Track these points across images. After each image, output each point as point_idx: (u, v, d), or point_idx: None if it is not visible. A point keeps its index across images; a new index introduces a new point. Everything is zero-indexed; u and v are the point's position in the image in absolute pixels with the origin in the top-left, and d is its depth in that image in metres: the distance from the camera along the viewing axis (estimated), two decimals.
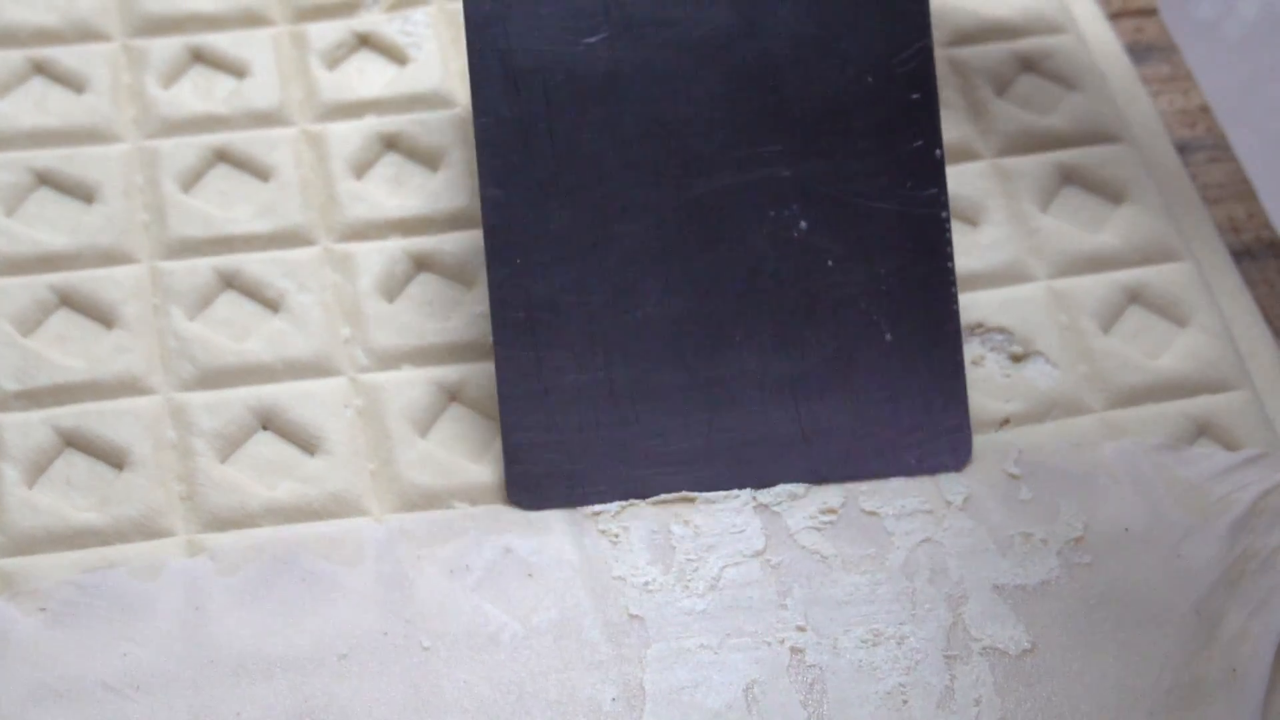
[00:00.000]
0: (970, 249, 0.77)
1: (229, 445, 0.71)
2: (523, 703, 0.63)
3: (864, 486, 0.70)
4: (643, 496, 0.69)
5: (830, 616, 0.66)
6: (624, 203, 0.70)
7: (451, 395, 0.73)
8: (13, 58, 0.81)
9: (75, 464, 0.70)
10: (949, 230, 0.70)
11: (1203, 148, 0.84)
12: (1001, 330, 0.75)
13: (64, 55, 0.82)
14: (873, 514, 0.69)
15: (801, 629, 0.66)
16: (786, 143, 0.71)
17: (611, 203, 0.70)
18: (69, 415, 0.71)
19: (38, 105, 0.80)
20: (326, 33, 0.83)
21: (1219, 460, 0.71)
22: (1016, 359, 0.75)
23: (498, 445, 0.71)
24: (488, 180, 0.70)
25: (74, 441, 0.71)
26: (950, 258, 0.70)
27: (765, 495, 0.69)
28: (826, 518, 0.69)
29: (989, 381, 0.74)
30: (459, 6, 0.82)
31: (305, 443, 0.71)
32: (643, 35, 0.70)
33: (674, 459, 0.69)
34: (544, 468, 0.69)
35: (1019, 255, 0.78)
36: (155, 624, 0.64)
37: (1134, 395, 0.74)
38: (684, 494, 0.69)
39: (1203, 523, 0.69)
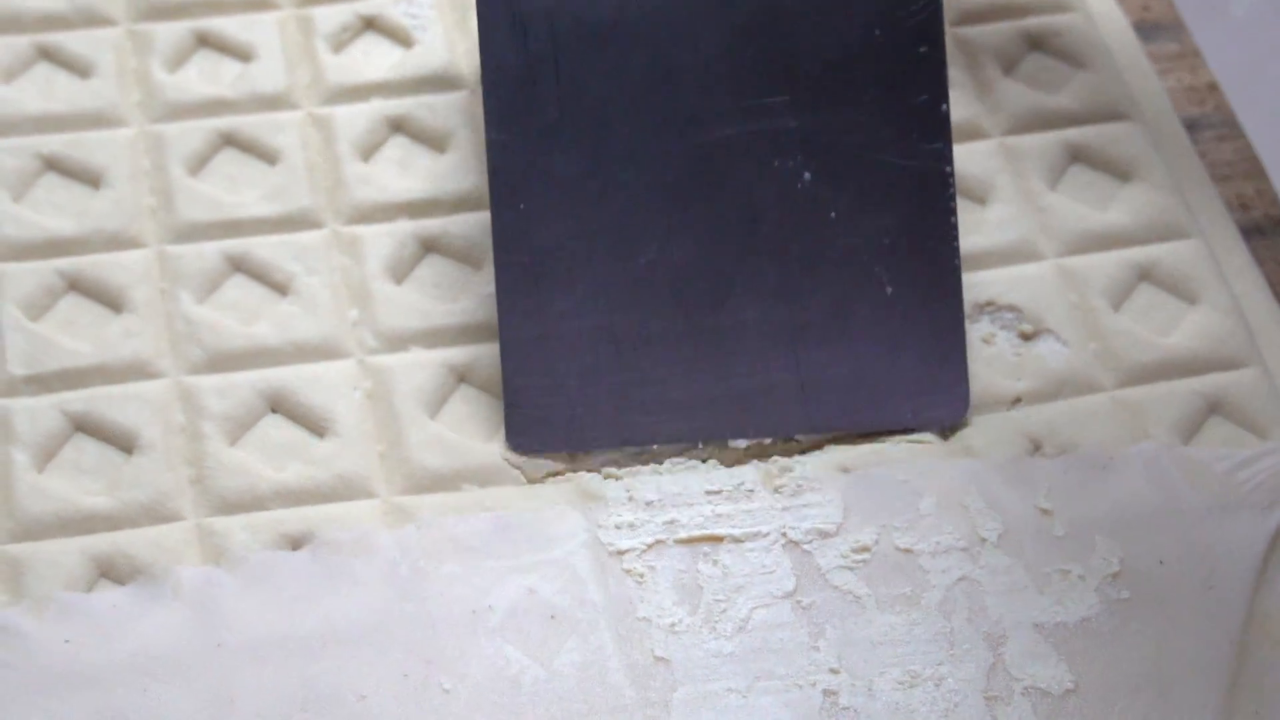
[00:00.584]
0: (979, 227, 0.77)
1: (238, 428, 0.71)
2: None
3: (899, 523, 0.68)
4: (641, 444, 0.69)
5: (865, 658, 0.65)
6: (629, 149, 0.70)
7: (460, 376, 0.73)
8: (19, 43, 0.81)
9: (84, 448, 0.70)
10: (953, 185, 0.70)
11: (1211, 125, 0.84)
12: (1011, 308, 0.75)
13: (70, 40, 0.82)
14: (907, 551, 0.68)
15: (835, 671, 0.65)
16: (792, 94, 0.71)
17: (616, 149, 0.70)
18: (78, 400, 0.71)
19: (44, 90, 0.80)
20: (332, 16, 0.84)
21: (1240, 461, 0.71)
22: (1026, 337, 0.75)
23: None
24: (493, 124, 0.70)
25: (83, 426, 0.71)
26: (953, 212, 0.70)
27: (795, 533, 0.68)
28: (859, 556, 0.68)
29: (999, 360, 0.74)
30: None
31: (314, 425, 0.71)
32: None
33: (673, 406, 0.69)
34: (543, 412, 0.69)
35: (1028, 234, 0.78)
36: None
37: (1145, 373, 0.74)
38: (711, 533, 0.68)
39: (1233, 545, 0.68)
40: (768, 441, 0.71)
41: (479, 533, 0.68)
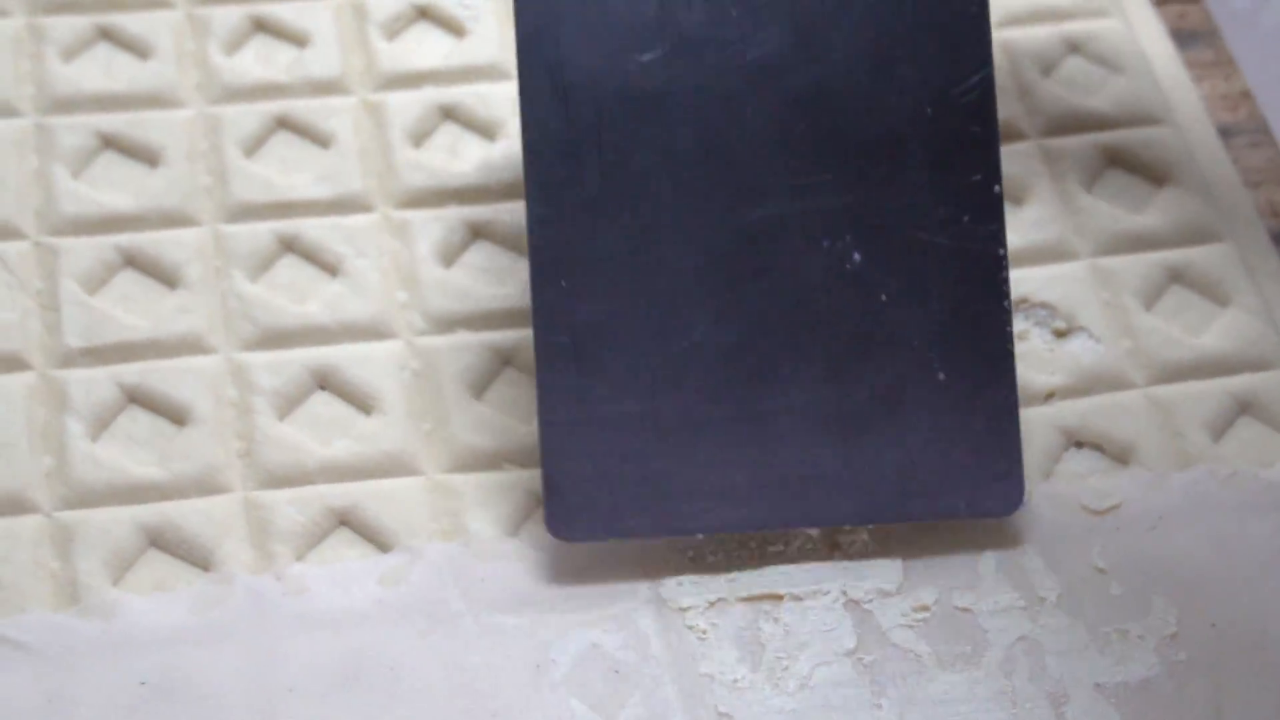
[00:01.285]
0: (1016, 227, 0.78)
1: (287, 404, 0.72)
2: None
3: (958, 582, 0.68)
4: (684, 533, 0.68)
5: (927, 716, 0.65)
6: (673, 226, 0.69)
7: (505, 360, 0.74)
8: (80, 24, 0.82)
9: (138, 420, 0.71)
10: (1006, 268, 0.69)
11: (1244, 132, 0.84)
12: (1045, 306, 0.76)
13: (129, 22, 0.83)
14: (966, 610, 0.68)
15: None
16: (841, 171, 0.69)
17: (660, 225, 0.69)
18: (132, 372, 0.72)
19: (104, 70, 0.81)
20: (386, 4, 0.84)
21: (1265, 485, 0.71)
22: (1060, 334, 0.75)
23: None
24: (534, 197, 0.68)
25: (137, 398, 0.72)
26: (1007, 296, 0.69)
27: (856, 591, 0.68)
28: (919, 615, 0.67)
29: (1033, 355, 0.75)
30: (515, 37, 0.84)
31: (362, 402, 0.72)
32: (698, 55, 0.69)
33: (717, 494, 0.68)
34: (584, 499, 0.67)
35: (1063, 234, 0.78)
36: (223, 712, 0.64)
37: (1177, 371, 0.75)
38: (772, 590, 0.68)
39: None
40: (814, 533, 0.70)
41: (544, 589, 0.68)
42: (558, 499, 0.67)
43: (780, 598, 0.68)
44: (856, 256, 0.69)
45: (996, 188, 0.69)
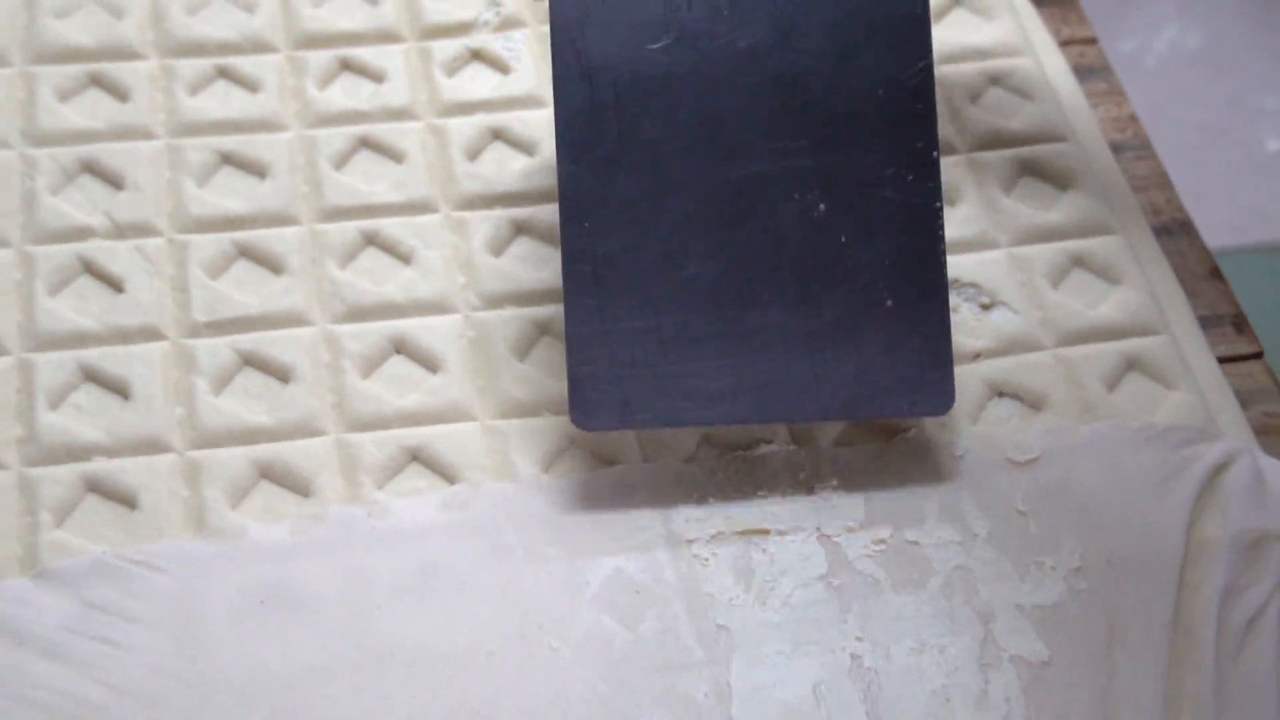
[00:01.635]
0: (949, 223, 0.78)
1: (370, 365, 0.72)
2: (634, 697, 0.63)
3: (908, 521, 0.68)
4: (682, 425, 0.69)
5: (883, 629, 0.65)
6: (675, 180, 0.70)
7: (543, 329, 0.74)
8: (203, 65, 0.82)
9: (251, 378, 0.72)
10: (941, 218, 0.70)
11: (1131, 148, 0.84)
12: (973, 285, 0.76)
13: (242, 64, 0.83)
14: (915, 543, 0.68)
15: (859, 639, 0.65)
16: (811, 138, 0.70)
17: (665, 179, 0.69)
18: (247, 341, 0.72)
19: (222, 102, 0.81)
20: (447, 48, 0.84)
21: (1176, 439, 0.70)
22: (985, 307, 0.75)
23: None
24: (564, 156, 0.69)
25: (250, 361, 0.72)
26: (942, 240, 0.70)
27: (828, 528, 0.68)
28: (877, 547, 0.68)
29: (964, 324, 0.75)
30: (550, 30, 0.84)
31: (429, 363, 0.72)
32: (697, 44, 0.70)
33: (709, 395, 0.68)
34: (602, 395, 0.68)
35: (987, 228, 0.79)
36: (323, 615, 0.64)
37: (1078, 336, 0.75)
38: (761, 526, 0.68)
39: (1167, 540, 0.68)
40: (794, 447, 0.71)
41: (579, 523, 0.68)
42: (581, 395, 0.68)
43: (767, 532, 0.68)
44: (822, 206, 0.70)
45: (935, 153, 0.70)
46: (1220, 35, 1.69)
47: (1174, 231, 0.81)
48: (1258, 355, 0.76)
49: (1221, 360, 0.75)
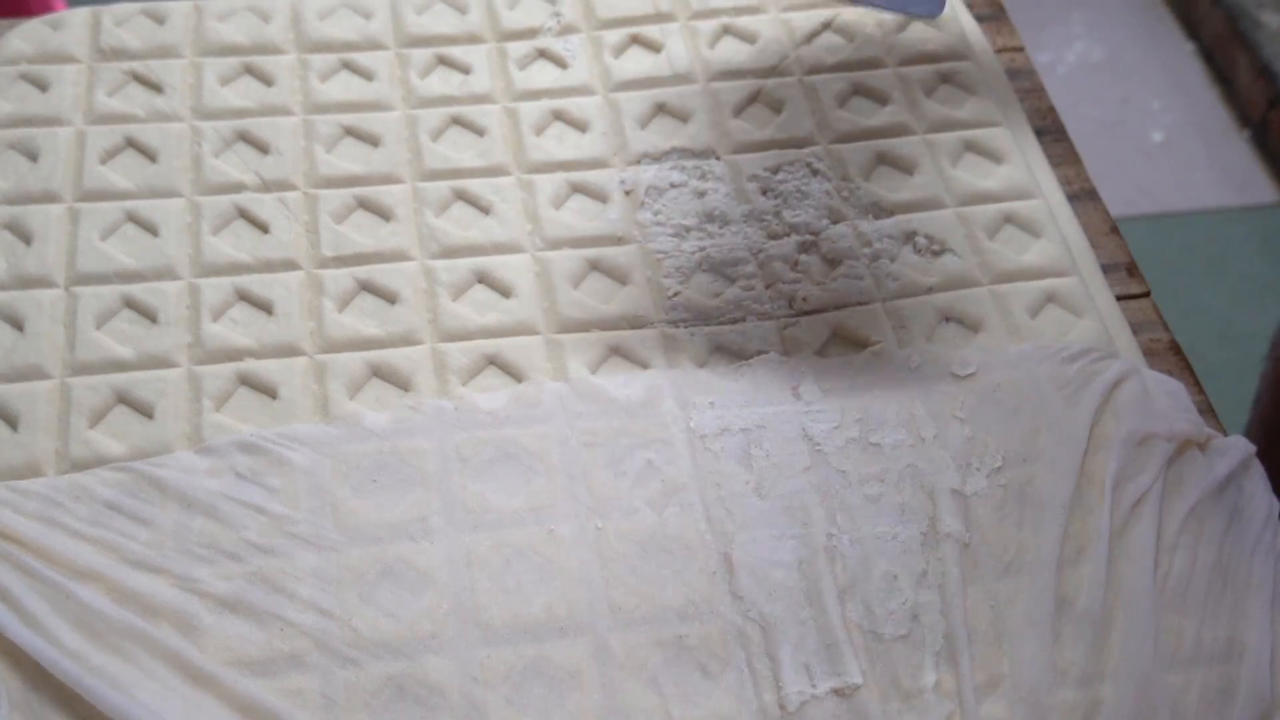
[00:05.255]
0: (909, 188, 0.77)
1: (458, 291, 0.71)
2: (656, 560, 0.61)
3: (871, 426, 0.66)
4: None
5: (851, 516, 0.63)
6: None
7: (593, 265, 0.73)
8: (330, 59, 0.81)
9: (366, 300, 0.71)
10: None
11: (1049, 132, 0.83)
12: (927, 236, 0.75)
13: (360, 58, 0.81)
14: (876, 444, 0.65)
15: (833, 523, 0.63)
16: None
17: None
18: (363, 271, 0.71)
19: (345, 87, 0.80)
20: (519, 48, 0.83)
21: (1084, 359, 0.68)
22: (936, 254, 0.74)
23: (624, 293, 0.71)
24: None
25: (366, 287, 0.71)
26: None
27: (811, 430, 0.65)
28: (850, 446, 0.65)
29: (919, 265, 0.73)
30: (602, 34, 0.82)
31: (503, 290, 0.71)
32: None
33: None
34: None
35: (938, 193, 0.77)
36: (420, 483, 0.63)
37: (1007, 276, 0.73)
38: (760, 424, 0.66)
39: (1070, 443, 0.65)
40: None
41: (619, 417, 0.66)
42: None
43: (765, 428, 0.66)
44: None
45: None
46: (1118, 50, 1.67)
47: (1082, 198, 0.79)
48: (1145, 295, 0.75)
49: (1118, 298, 0.74)
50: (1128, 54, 1.67)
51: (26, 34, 0.81)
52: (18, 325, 0.68)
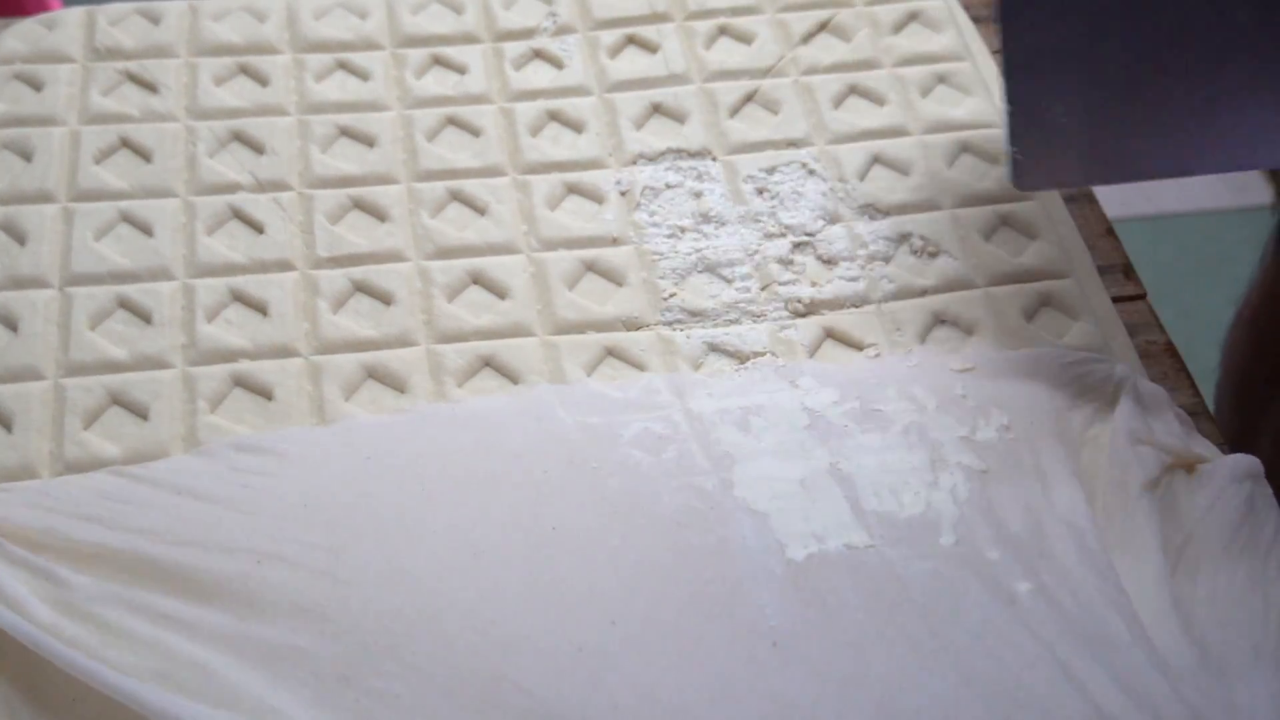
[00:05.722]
0: (904, 190, 0.76)
1: (453, 292, 0.71)
2: (657, 493, 0.62)
3: (874, 400, 0.66)
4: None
5: (854, 455, 0.64)
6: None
7: (589, 266, 0.72)
8: (326, 59, 0.81)
9: (361, 301, 0.70)
10: None
11: None
12: (922, 237, 0.74)
13: (356, 58, 0.81)
14: (878, 410, 0.66)
15: (835, 461, 0.63)
16: None
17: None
18: (358, 272, 0.71)
19: (340, 87, 0.80)
20: (516, 48, 0.82)
21: (1075, 360, 0.68)
22: (932, 255, 0.74)
23: (620, 294, 0.70)
24: None
25: (361, 288, 0.71)
26: None
27: (809, 403, 0.66)
28: (851, 411, 0.65)
29: (915, 267, 0.73)
30: (598, 34, 0.82)
31: (499, 291, 0.71)
32: None
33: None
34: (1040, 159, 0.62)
35: (934, 194, 0.76)
36: (417, 482, 0.63)
37: (1004, 278, 0.73)
38: (759, 400, 0.66)
39: (1070, 420, 0.66)
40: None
41: (615, 408, 0.66)
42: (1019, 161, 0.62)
43: (763, 406, 0.66)
44: None
45: None
46: None
47: (1078, 200, 0.79)
48: (1141, 296, 0.75)
49: (1114, 299, 0.73)
50: None
51: (21, 33, 0.81)
52: (12, 325, 0.68)
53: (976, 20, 0.87)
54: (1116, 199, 1.38)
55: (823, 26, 0.84)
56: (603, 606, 0.59)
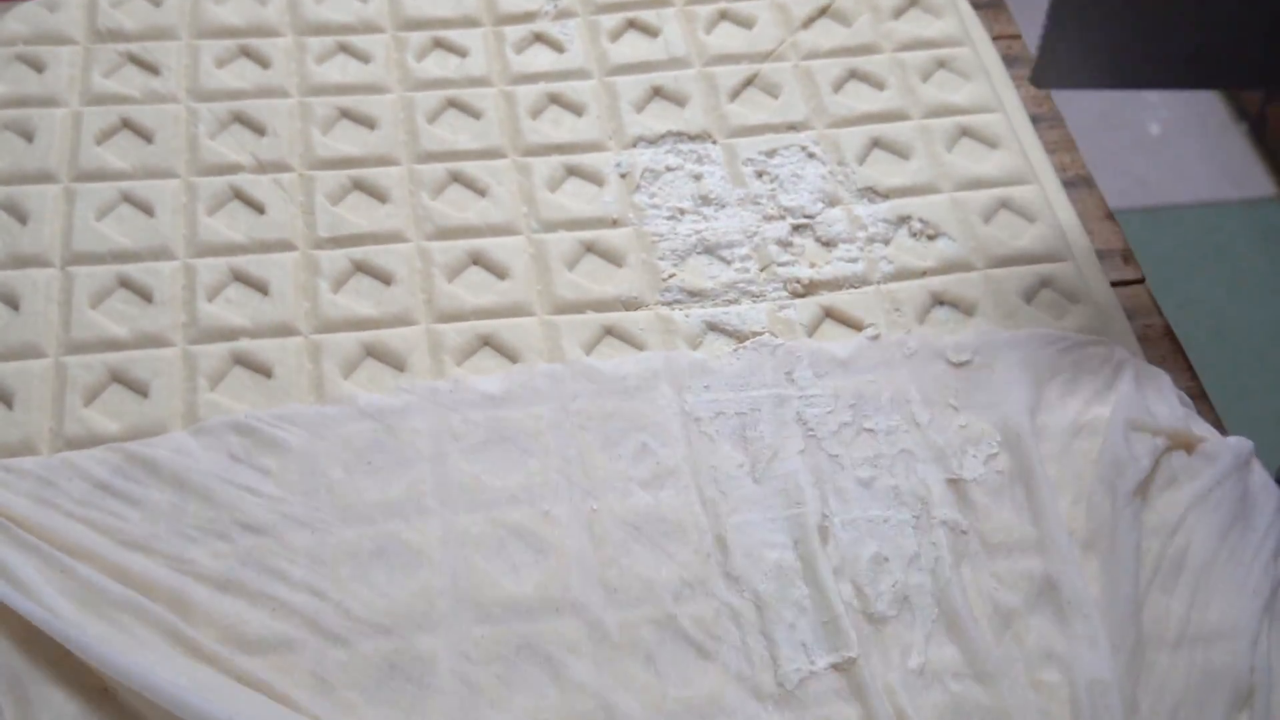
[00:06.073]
0: (905, 173, 0.76)
1: (453, 273, 0.71)
2: (650, 542, 0.61)
3: (867, 412, 0.65)
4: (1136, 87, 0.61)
5: (843, 499, 0.63)
6: None
7: (588, 247, 0.72)
8: (327, 41, 0.81)
9: (361, 281, 0.71)
10: None
11: (1045, 119, 0.83)
12: (922, 220, 0.74)
13: (357, 40, 0.81)
14: (871, 430, 0.65)
15: (826, 505, 0.63)
16: None
17: None
18: (358, 252, 0.71)
19: (342, 70, 0.80)
20: (516, 31, 0.83)
21: (1075, 345, 0.68)
22: (932, 237, 0.74)
23: (619, 275, 0.70)
24: None
25: (361, 267, 0.71)
26: None
27: (804, 415, 0.65)
28: (844, 431, 0.65)
29: (914, 249, 0.73)
30: (599, 18, 0.82)
31: (499, 272, 0.71)
32: None
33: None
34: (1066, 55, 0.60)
35: (935, 178, 0.77)
36: (414, 461, 0.63)
37: (1002, 260, 0.73)
38: (755, 409, 0.65)
39: (1067, 425, 0.66)
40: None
41: (613, 399, 0.66)
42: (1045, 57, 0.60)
43: (759, 411, 0.66)
44: None
45: None
46: None
47: (1078, 184, 0.79)
48: (1140, 281, 0.75)
49: (1113, 284, 0.74)
50: None
51: (23, 16, 0.81)
52: (13, 304, 0.68)
53: (978, 7, 0.88)
54: (1117, 190, 1.38)
55: (823, 11, 0.84)
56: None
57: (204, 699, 0.53)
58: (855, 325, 0.70)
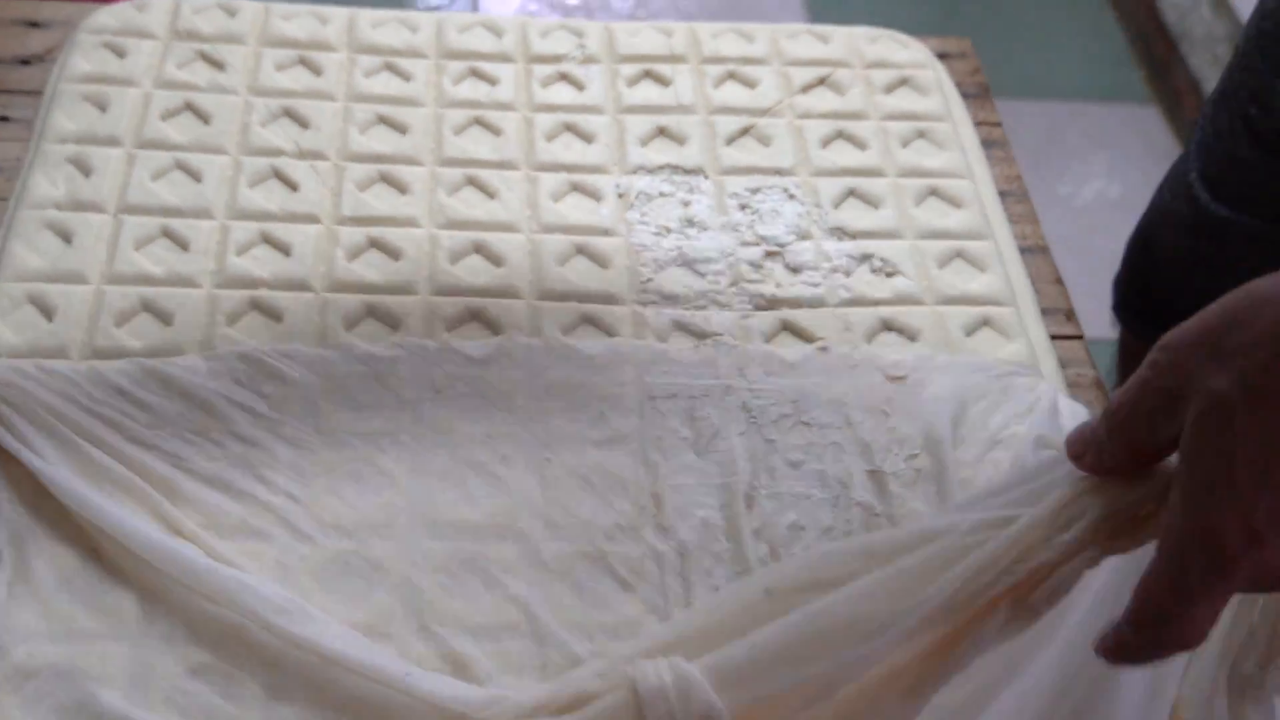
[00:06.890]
0: (874, 219, 0.83)
1: (456, 257, 0.79)
2: (593, 490, 0.67)
3: (807, 406, 0.71)
4: None
5: (774, 477, 0.69)
6: None
7: (580, 249, 0.80)
8: (376, 60, 0.90)
9: (374, 255, 0.78)
10: None
11: (1013, 194, 0.89)
12: (883, 259, 0.81)
13: (403, 62, 0.90)
14: (807, 423, 0.71)
15: (755, 481, 0.68)
16: None
17: None
18: (376, 232, 0.79)
19: (384, 85, 0.88)
20: (545, 69, 0.91)
21: (1005, 374, 0.74)
22: (890, 275, 0.80)
23: (603, 275, 0.78)
24: None
25: (375, 244, 0.79)
26: None
27: (751, 404, 0.71)
28: (783, 421, 0.71)
29: (872, 283, 0.80)
30: (620, 66, 0.90)
31: (497, 261, 0.79)
32: None
33: None
34: None
35: (899, 226, 0.83)
36: (397, 402, 0.70)
37: (950, 300, 0.79)
38: (705, 393, 0.72)
39: (984, 437, 0.71)
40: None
41: (583, 374, 0.72)
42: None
43: (709, 397, 0.72)
44: None
45: None
46: (1133, 188, 1.74)
47: (1034, 251, 0.85)
48: (1079, 338, 0.81)
49: (1053, 337, 0.80)
50: (1139, 193, 1.74)
51: (114, 12, 0.91)
52: (67, 239, 0.76)
53: (965, 95, 0.96)
54: (1101, 320, 1.43)
55: (822, 81, 0.92)
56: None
57: (181, 544, 0.60)
58: (808, 338, 0.77)
